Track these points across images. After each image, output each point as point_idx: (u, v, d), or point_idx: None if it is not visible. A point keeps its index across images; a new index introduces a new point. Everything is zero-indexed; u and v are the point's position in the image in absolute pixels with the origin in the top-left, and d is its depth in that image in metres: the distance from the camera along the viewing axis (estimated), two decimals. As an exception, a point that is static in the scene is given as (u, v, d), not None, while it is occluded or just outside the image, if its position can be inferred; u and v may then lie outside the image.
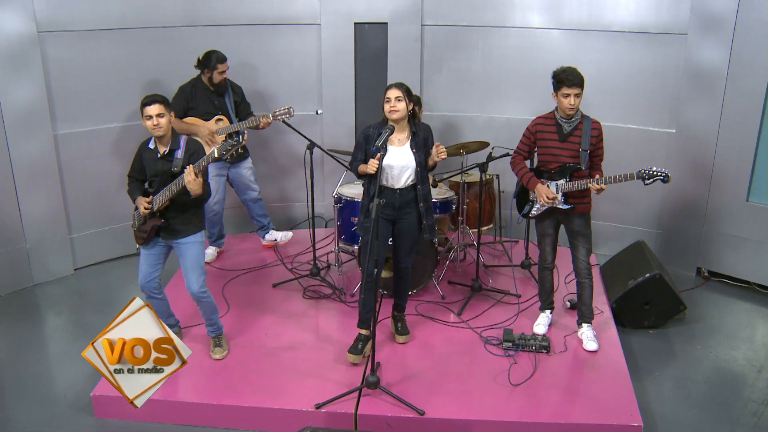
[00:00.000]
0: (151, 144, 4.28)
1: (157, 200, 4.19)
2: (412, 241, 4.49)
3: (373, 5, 6.31)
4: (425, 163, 4.37)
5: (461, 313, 5.06)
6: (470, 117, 6.61)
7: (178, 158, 4.21)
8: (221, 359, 4.48)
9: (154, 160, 4.26)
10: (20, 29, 5.32)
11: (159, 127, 4.12)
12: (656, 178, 4.34)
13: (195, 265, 4.36)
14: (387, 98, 4.23)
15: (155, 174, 4.26)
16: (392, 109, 4.20)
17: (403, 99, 4.21)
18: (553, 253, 4.73)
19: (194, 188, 4.05)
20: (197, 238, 4.38)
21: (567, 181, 4.44)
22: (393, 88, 4.24)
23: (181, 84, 5.65)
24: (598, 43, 6.07)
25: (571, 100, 4.30)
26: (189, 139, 4.32)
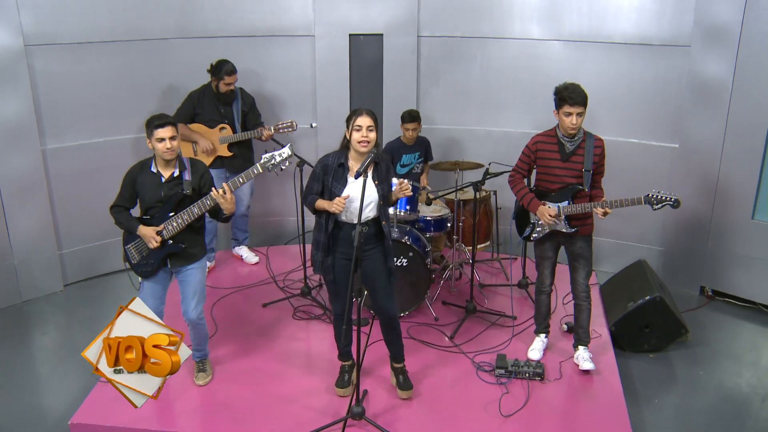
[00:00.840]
0: (153, 168, 4.07)
1: (169, 227, 4.01)
2: (384, 283, 4.02)
3: (368, 16, 6.18)
4: (388, 197, 3.97)
5: (453, 337, 4.91)
6: (468, 130, 6.46)
7: (187, 180, 4.04)
8: (204, 385, 4.35)
9: (156, 185, 4.05)
10: (6, 43, 5.22)
11: (172, 150, 3.95)
12: (665, 204, 4.17)
13: (198, 290, 4.20)
14: (357, 126, 3.80)
15: (158, 200, 4.05)
16: (363, 140, 3.79)
17: (374, 129, 3.83)
18: (551, 277, 4.56)
19: (230, 207, 3.93)
20: (203, 263, 4.24)
21: (569, 203, 4.27)
22: (365, 116, 3.80)
23: (191, 90, 5.66)
24: (599, 54, 5.91)
25: (573, 120, 4.13)
26: (191, 159, 4.15)
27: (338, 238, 3.96)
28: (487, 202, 5.83)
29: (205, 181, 4.10)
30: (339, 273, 4.02)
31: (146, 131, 3.97)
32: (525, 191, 4.38)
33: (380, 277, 4.01)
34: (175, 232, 4.03)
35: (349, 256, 3.90)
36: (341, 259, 3.98)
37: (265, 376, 4.47)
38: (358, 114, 3.82)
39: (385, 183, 3.94)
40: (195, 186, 4.06)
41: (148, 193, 4.06)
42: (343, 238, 3.95)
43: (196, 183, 4.07)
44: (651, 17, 5.65)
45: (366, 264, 3.97)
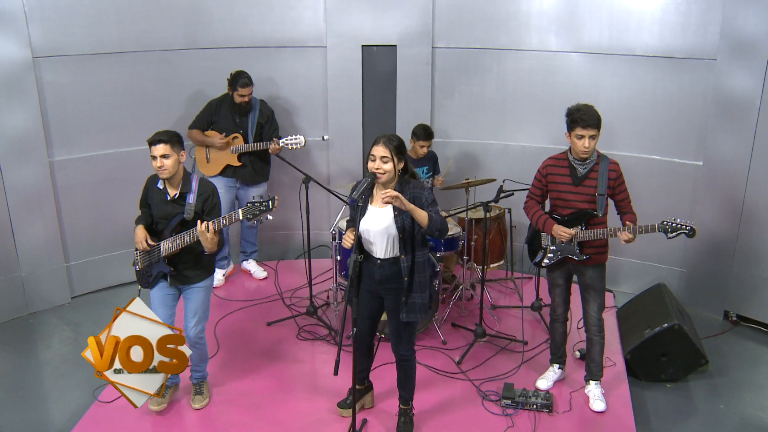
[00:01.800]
0: (159, 184, 4.02)
1: (165, 246, 3.94)
2: (397, 323, 3.78)
3: (381, 27, 6.03)
4: (412, 227, 3.65)
5: (461, 362, 4.73)
6: (483, 144, 6.28)
7: (190, 203, 3.95)
8: (201, 408, 4.24)
9: (163, 201, 4.01)
10: (14, 55, 5.18)
11: (164, 168, 3.88)
12: (680, 232, 3.96)
13: (198, 311, 4.12)
14: (372, 156, 3.59)
15: (163, 217, 4.01)
16: (377, 171, 3.57)
17: (391, 159, 3.55)
18: (564, 305, 4.36)
19: (209, 246, 3.81)
20: (207, 283, 4.15)
21: (582, 229, 4.07)
22: (380, 145, 3.56)
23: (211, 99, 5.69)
24: (620, 67, 5.68)
25: (585, 143, 3.93)
26: (202, 180, 4.04)
27: (363, 268, 3.77)
28: (501, 220, 5.65)
29: (210, 205, 3.98)
30: (361, 304, 3.85)
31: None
32: (539, 213, 4.18)
33: (394, 317, 3.81)
34: (171, 252, 3.94)
35: (371, 288, 3.79)
36: (364, 290, 3.82)
37: (264, 399, 4.35)
38: (375, 142, 3.61)
39: (407, 214, 3.58)
40: (198, 210, 3.96)
41: (156, 208, 4.04)
42: (366, 269, 3.76)
43: (199, 207, 3.96)
44: (675, 29, 5.41)
45: (386, 301, 3.82)
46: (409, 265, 3.67)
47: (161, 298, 4.08)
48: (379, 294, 3.81)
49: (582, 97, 5.69)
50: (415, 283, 3.71)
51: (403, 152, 3.66)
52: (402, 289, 3.71)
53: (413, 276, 3.70)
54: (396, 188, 3.64)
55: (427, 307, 3.79)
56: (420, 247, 3.73)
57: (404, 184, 3.67)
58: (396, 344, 3.90)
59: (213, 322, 5.26)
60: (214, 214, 3.94)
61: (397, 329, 3.83)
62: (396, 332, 3.85)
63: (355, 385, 3.74)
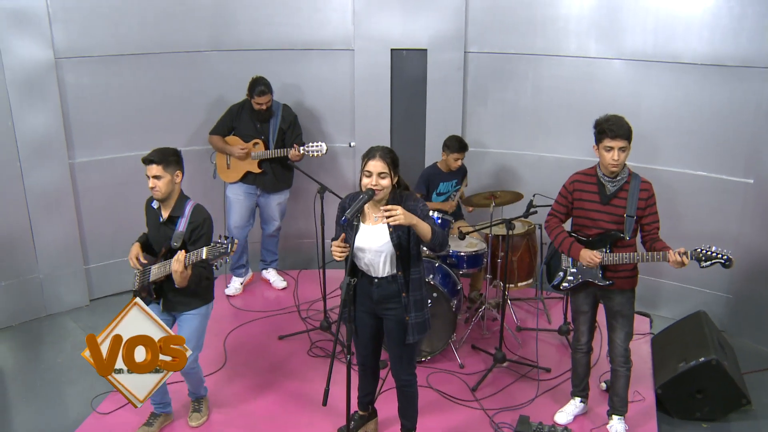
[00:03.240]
0: (154, 204, 3.90)
1: (154, 271, 3.78)
2: (396, 346, 3.57)
3: (411, 30, 5.78)
4: (408, 243, 3.41)
5: (476, 389, 4.44)
6: (517, 155, 5.95)
7: (180, 231, 3.76)
8: (197, 427, 4.07)
9: (156, 223, 3.88)
10: (37, 56, 5.14)
11: (156, 189, 3.73)
12: (715, 262, 3.58)
13: (192, 338, 3.89)
14: (367, 172, 3.33)
15: (157, 239, 3.88)
16: (375, 188, 3.31)
17: (389, 174, 3.31)
18: (588, 334, 4.02)
19: (179, 280, 3.60)
20: (201, 312, 3.93)
21: (607, 251, 3.73)
22: (377, 159, 3.31)
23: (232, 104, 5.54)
24: (664, 75, 5.27)
25: (614, 155, 3.60)
26: (196, 207, 3.85)
27: (358, 288, 3.56)
28: (530, 236, 5.32)
29: (197, 236, 3.76)
30: (359, 326, 3.64)
31: None
32: (563, 236, 3.86)
33: (393, 339, 3.58)
34: (158, 278, 3.76)
35: (369, 309, 3.57)
36: (361, 311, 3.59)
37: (264, 421, 4.16)
38: (369, 156, 3.35)
39: (405, 229, 3.37)
40: (186, 239, 3.76)
41: (150, 227, 3.92)
42: (361, 289, 3.54)
43: (188, 236, 3.76)
44: (726, 35, 4.98)
45: (386, 323, 3.58)
46: (406, 281, 3.44)
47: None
48: (378, 314, 3.57)
49: (622, 106, 5.35)
50: (411, 302, 3.47)
51: (398, 165, 3.42)
52: (401, 309, 3.47)
53: (417, 292, 3.48)
54: (389, 202, 3.39)
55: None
56: (414, 263, 3.49)
57: (398, 197, 3.42)
58: (396, 368, 3.66)
59: (224, 333, 5.13)
60: (198, 246, 3.69)
61: (398, 352, 3.59)
62: (396, 355, 3.61)
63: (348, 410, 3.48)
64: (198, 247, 3.64)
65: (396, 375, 3.68)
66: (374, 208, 3.44)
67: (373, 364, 3.80)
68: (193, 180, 5.95)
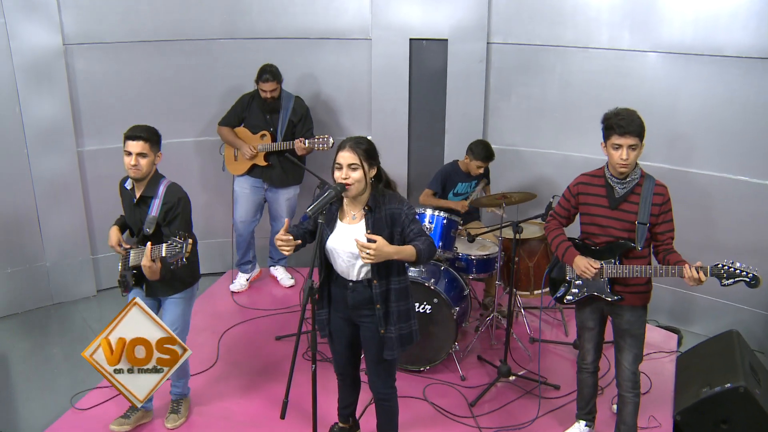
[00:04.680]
0: (128, 184, 3.72)
1: (133, 256, 3.61)
2: (373, 357, 3.27)
3: (431, 19, 5.46)
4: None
5: (474, 404, 4.10)
6: (542, 154, 5.56)
7: (152, 215, 3.56)
8: (173, 429, 3.88)
9: (130, 204, 3.70)
10: (44, 42, 5.07)
11: (138, 168, 3.54)
12: (739, 280, 3.15)
13: (177, 322, 3.76)
14: (337, 164, 3.04)
15: (133, 221, 3.71)
16: (345, 181, 3.01)
17: (360, 166, 3.01)
18: (595, 352, 3.62)
19: (149, 274, 3.43)
20: (184, 296, 3.79)
21: (615, 263, 3.35)
22: (347, 150, 3.02)
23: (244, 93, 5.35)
24: (704, 70, 4.81)
25: (623, 154, 3.22)
26: (170, 186, 3.65)
27: (333, 291, 3.31)
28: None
29: (174, 215, 3.57)
30: (335, 332, 3.39)
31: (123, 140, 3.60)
32: (560, 239, 3.50)
33: (369, 349, 3.29)
34: (135, 264, 3.58)
35: (345, 315, 3.30)
36: (337, 317, 3.34)
37: (242, 426, 3.93)
38: (340, 147, 3.06)
39: (384, 232, 3.05)
40: (160, 221, 3.57)
41: (126, 210, 3.74)
42: (336, 293, 3.29)
43: (162, 217, 3.57)
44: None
45: (362, 331, 3.30)
46: (384, 291, 3.12)
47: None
48: (354, 321, 3.29)
49: (657, 104, 4.97)
50: (392, 314, 3.16)
51: (375, 157, 3.10)
52: (376, 319, 3.17)
53: (389, 304, 3.16)
54: (369, 202, 3.10)
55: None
56: (398, 272, 3.17)
57: (378, 196, 3.12)
58: (373, 381, 3.37)
59: (220, 331, 4.95)
60: (172, 227, 3.52)
61: (374, 364, 3.30)
62: (373, 367, 3.33)
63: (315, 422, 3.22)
64: (174, 228, 3.51)
65: (373, 388, 3.39)
66: (352, 204, 3.16)
67: (352, 374, 3.53)
68: (206, 172, 5.84)
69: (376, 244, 2.86)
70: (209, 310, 5.26)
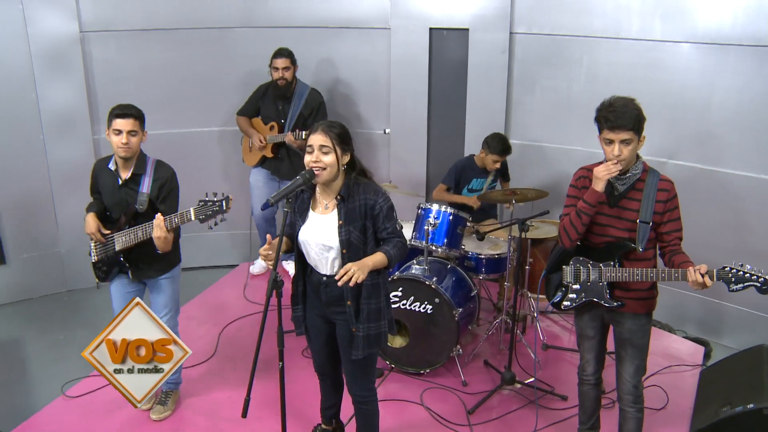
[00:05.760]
0: (111, 164, 3.63)
1: (119, 239, 3.54)
2: (346, 357, 3.08)
3: (452, 8, 5.25)
4: (362, 242, 2.92)
5: (473, 412, 3.87)
6: (566, 150, 5.26)
7: (143, 193, 3.52)
8: (159, 421, 3.80)
9: (114, 187, 3.60)
10: (60, 29, 5.09)
11: (128, 147, 3.48)
12: (748, 285, 2.83)
13: (170, 302, 3.74)
14: (309, 147, 2.87)
15: (116, 204, 3.61)
16: (315, 165, 2.84)
17: (332, 150, 2.83)
18: (596, 363, 3.33)
19: (162, 246, 3.40)
20: (172, 275, 3.74)
21: (615, 265, 3.08)
22: (318, 133, 2.84)
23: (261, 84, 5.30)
24: (744, 62, 4.45)
25: (614, 150, 2.95)
26: (159, 163, 3.62)
27: (309, 286, 3.15)
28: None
29: (166, 192, 3.52)
30: (311, 329, 3.23)
31: (107, 120, 3.53)
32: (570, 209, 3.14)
33: (344, 348, 3.11)
34: (125, 246, 3.52)
35: (320, 311, 3.14)
36: (313, 314, 3.18)
37: (224, 423, 3.81)
38: (312, 131, 2.89)
39: (357, 224, 2.90)
40: (153, 197, 3.51)
41: (107, 194, 3.62)
42: (311, 288, 3.13)
43: (154, 194, 3.51)
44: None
45: (337, 329, 3.12)
46: (354, 287, 2.91)
47: (122, 296, 3.69)
48: (329, 318, 3.11)
49: (690, 98, 4.66)
50: (362, 311, 2.97)
51: (348, 143, 2.91)
52: (348, 316, 2.99)
53: (359, 301, 2.97)
54: (342, 191, 2.92)
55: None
56: None
57: (352, 185, 2.93)
58: (349, 382, 3.20)
59: (222, 324, 4.85)
60: (168, 203, 3.50)
61: (349, 365, 3.12)
62: (348, 368, 3.15)
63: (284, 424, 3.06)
64: (169, 204, 3.50)
65: (350, 389, 3.21)
66: (324, 193, 2.98)
67: (331, 373, 3.35)
68: (227, 163, 5.78)
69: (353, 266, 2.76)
70: (214, 302, 5.20)
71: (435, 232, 4.28)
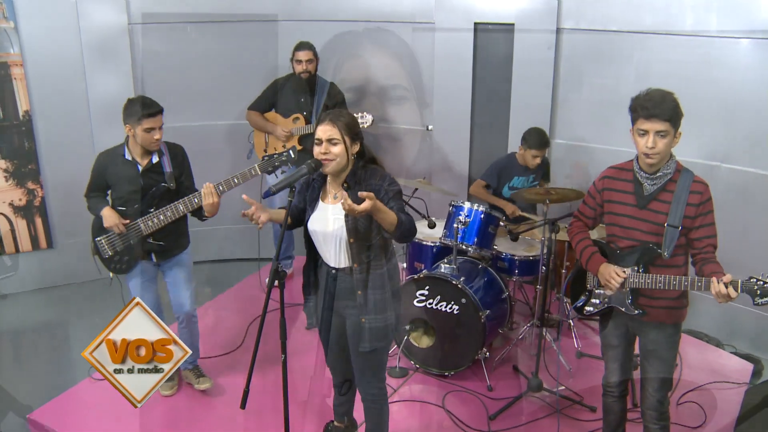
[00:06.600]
0: (127, 155, 3.69)
1: (149, 223, 3.62)
2: (354, 350, 3.01)
3: (497, 3, 5.14)
4: (368, 230, 2.84)
5: (494, 418, 3.72)
6: (614, 151, 4.97)
7: (168, 171, 3.66)
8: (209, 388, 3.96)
9: (133, 175, 3.66)
10: (110, 20, 5.24)
11: (161, 141, 3.67)
12: None
13: (188, 280, 3.87)
14: (317, 139, 2.80)
15: (135, 192, 3.66)
16: (324, 157, 2.79)
17: (341, 141, 2.77)
18: (620, 374, 3.14)
19: (213, 210, 3.55)
20: (189, 250, 3.91)
21: (638, 271, 2.89)
22: (326, 124, 2.78)
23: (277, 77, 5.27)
24: (809, 60, 4.14)
25: (648, 141, 2.76)
26: (166, 142, 3.75)
27: (320, 279, 3.09)
28: (607, 245, 4.44)
29: (185, 168, 3.72)
30: (323, 323, 3.17)
31: (125, 115, 3.65)
32: (585, 243, 3.06)
33: (352, 345, 3.04)
34: (157, 228, 3.62)
35: (329, 304, 3.06)
36: (325, 308, 3.11)
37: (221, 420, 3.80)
38: (319, 122, 2.83)
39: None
40: (177, 175, 3.66)
41: (124, 183, 3.67)
42: (322, 281, 3.06)
43: (178, 172, 3.66)
44: None
45: (348, 324, 3.05)
46: (363, 276, 2.85)
47: (144, 284, 3.79)
48: (340, 313, 3.04)
49: (749, 98, 4.41)
50: (369, 302, 2.89)
51: (358, 132, 2.83)
52: (358, 307, 2.92)
53: (367, 291, 2.89)
54: (348, 178, 2.85)
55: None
56: (378, 255, 2.89)
57: (359, 171, 2.86)
58: (358, 378, 3.11)
59: (253, 315, 4.85)
60: (187, 174, 3.76)
61: (359, 361, 3.04)
62: (358, 364, 3.06)
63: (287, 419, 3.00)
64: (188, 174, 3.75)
65: (359, 386, 3.14)
66: (334, 183, 2.92)
67: (343, 369, 3.27)
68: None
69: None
70: (244, 296, 5.24)
71: (465, 230, 4.15)
